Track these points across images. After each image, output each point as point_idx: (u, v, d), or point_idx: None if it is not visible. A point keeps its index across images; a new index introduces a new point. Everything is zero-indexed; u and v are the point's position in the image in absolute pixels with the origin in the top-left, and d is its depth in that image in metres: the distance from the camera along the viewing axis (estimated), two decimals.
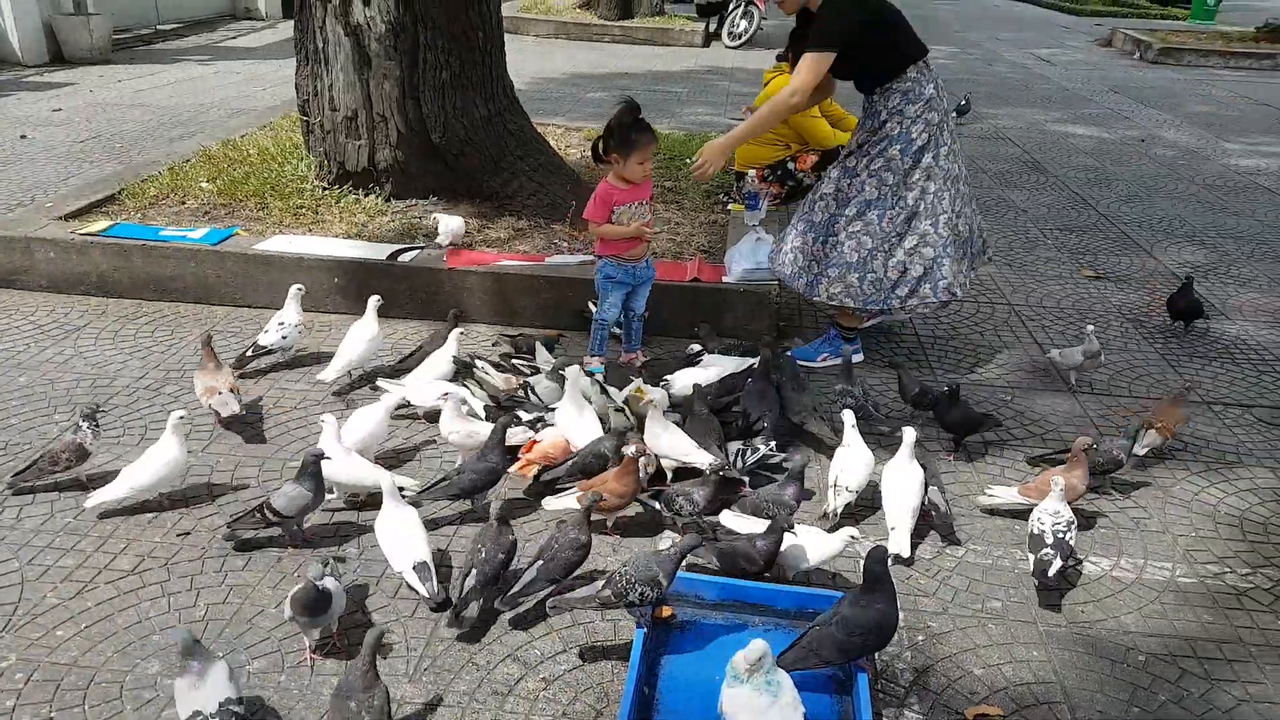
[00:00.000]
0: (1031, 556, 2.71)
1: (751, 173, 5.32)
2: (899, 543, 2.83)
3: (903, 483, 2.92)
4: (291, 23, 5.15)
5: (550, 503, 3.02)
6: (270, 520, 2.73)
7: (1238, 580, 2.87)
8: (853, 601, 2.28)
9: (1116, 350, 4.40)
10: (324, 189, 5.12)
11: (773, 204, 5.34)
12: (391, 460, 3.27)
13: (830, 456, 3.15)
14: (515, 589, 2.54)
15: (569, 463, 3.06)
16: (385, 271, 4.33)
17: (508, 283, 4.32)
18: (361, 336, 3.69)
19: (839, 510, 2.97)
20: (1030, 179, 7.35)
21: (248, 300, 4.42)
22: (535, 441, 3.23)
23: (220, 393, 3.32)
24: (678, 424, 3.24)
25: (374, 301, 3.79)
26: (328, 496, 2.90)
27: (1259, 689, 2.47)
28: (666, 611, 2.54)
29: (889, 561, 2.32)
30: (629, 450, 2.90)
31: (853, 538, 2.67)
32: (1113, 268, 5.49)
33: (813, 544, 2.67)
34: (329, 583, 2.31)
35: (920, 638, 2.57)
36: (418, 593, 2.53)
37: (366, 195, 5.07)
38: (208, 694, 2.07)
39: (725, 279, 4.33)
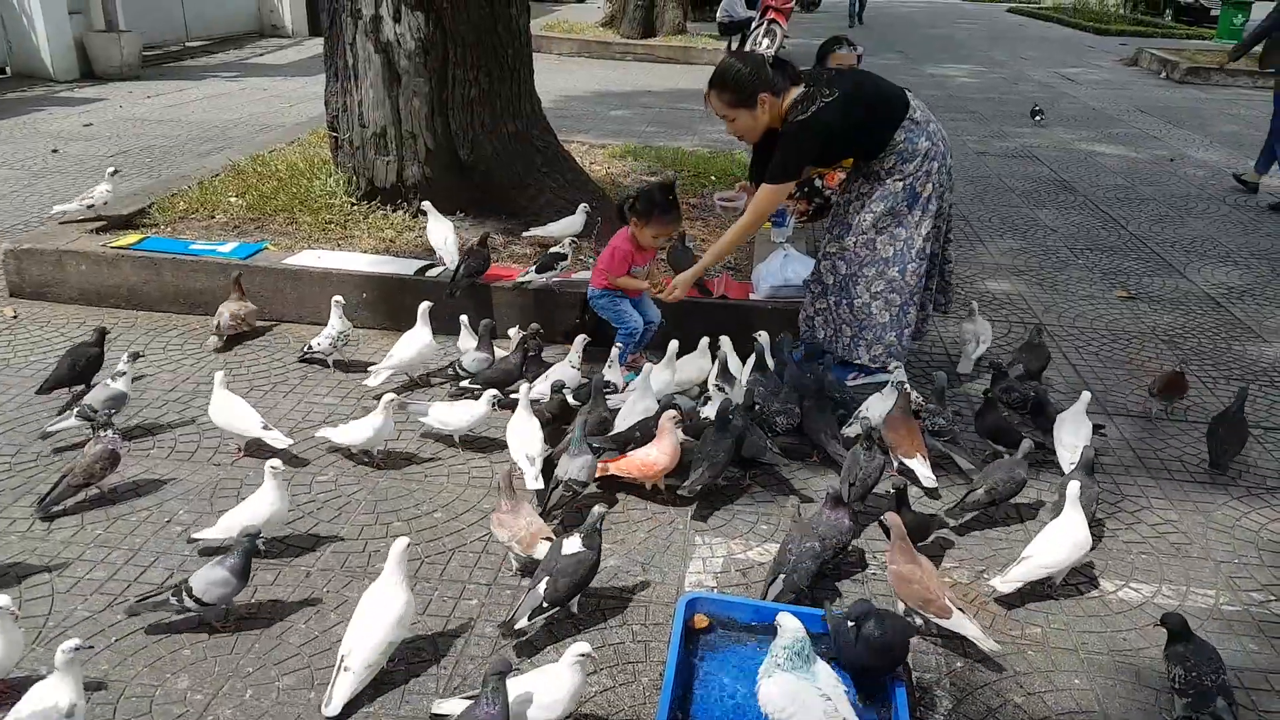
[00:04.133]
0: None
1: None
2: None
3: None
4: (317, 40, 5.21)
5: None
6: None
7: None
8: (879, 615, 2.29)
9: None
10: (352, 204, 5.13)
11: (799, 221, 5.30)
12: None
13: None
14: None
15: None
16: (413, 287, 4.32)
17: (535, 298, 4.31)
18: (413, 342, 3.81)
19: None
20: (1059, 198, 7.29)
21: (276, 314, 4.43)
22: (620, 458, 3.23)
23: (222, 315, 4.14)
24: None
25: (425, 306, 3.86)
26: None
27: None
28: (702, 622, 2.52)
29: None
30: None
31: None
32: (1145, 288, 5.42)
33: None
34: None
35: (959, 664, 2.52)
36: (524, 475, 3.07)
37: (394, 211, 5.08)
38: None
39: (753, 296, 4.30)
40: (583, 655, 2.15)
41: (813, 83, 3.49)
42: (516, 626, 2.48)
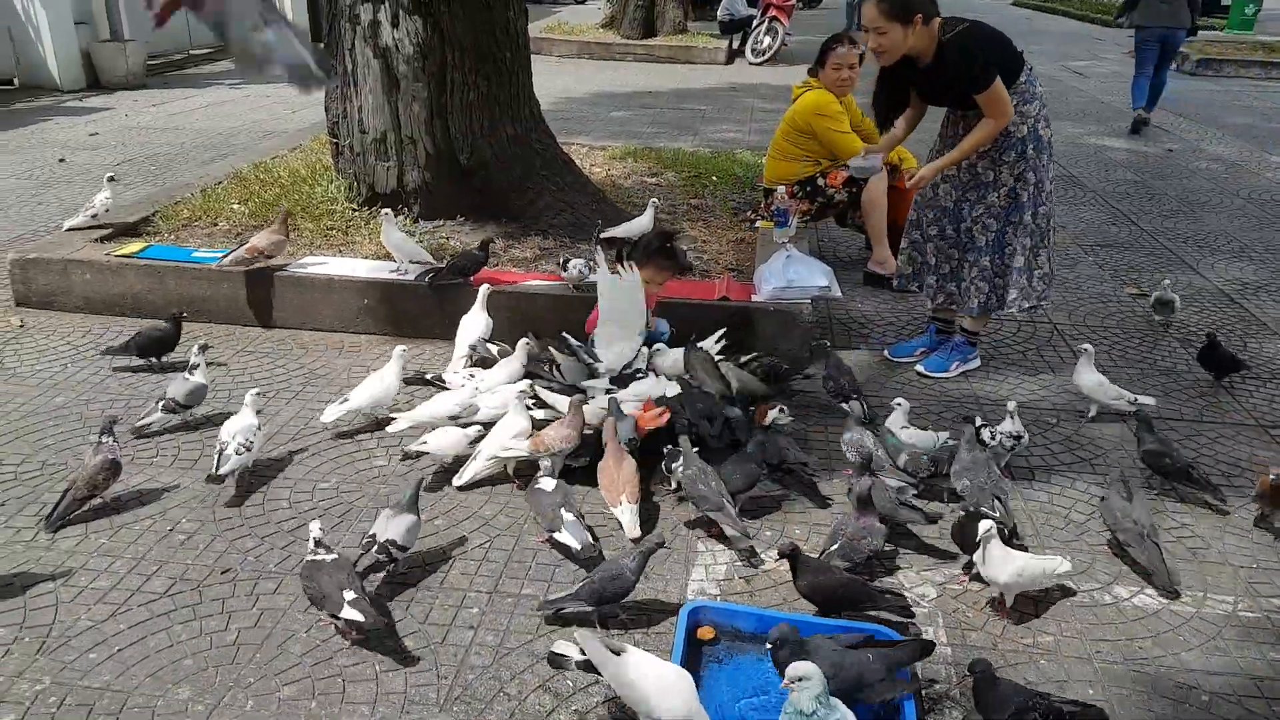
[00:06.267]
0: None
1: (781, 189, 5.24)
2: None
3: None
4: (319, 46, 5.15)
5: None
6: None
7: None
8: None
9: (1163, 370, 4.27)
10: (354, 210, 5.12)
11: (802, 220, 5.27)
12: None
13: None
14: None
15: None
16: (413, 292, 4.31)
17: (535, 302, 4.28)
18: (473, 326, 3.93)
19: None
20: (1068, 194, 7.21)
21: (279, 321, 4.42)
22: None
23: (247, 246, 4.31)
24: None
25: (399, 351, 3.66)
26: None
27: None
28: (708, 633, 2.49)
29: None
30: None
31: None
32: (1158, 285, 5.34)
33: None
34: None
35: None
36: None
37: (395, 216, 5.05)
38: None
39: (755, 298, 4.25)
40: None
41: (947, 18, 3.74)
42: (586, 555, 2.78)
